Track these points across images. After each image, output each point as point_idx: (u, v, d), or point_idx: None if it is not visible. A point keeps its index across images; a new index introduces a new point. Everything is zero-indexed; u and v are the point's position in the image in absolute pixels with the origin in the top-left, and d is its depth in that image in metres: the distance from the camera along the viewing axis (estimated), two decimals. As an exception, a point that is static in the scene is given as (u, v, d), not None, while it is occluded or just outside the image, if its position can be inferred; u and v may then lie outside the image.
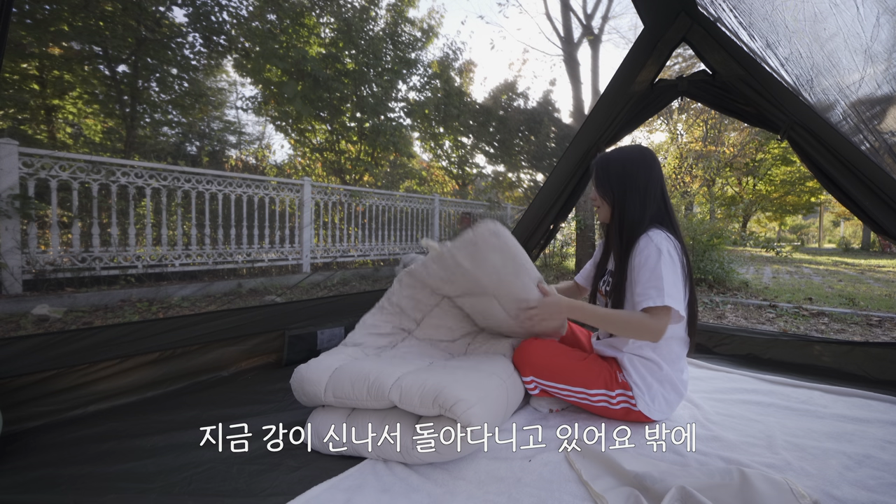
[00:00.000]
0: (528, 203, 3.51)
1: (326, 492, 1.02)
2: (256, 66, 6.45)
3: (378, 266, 6.49)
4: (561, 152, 3.06)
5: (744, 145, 12.90)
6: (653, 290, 1.20)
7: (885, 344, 1.84)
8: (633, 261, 1.28)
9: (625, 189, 1.33)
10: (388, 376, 1.19)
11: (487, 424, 1.10)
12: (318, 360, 1.34)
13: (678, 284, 1.23)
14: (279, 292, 4.59)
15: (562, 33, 8.14)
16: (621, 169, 1.34)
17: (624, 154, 1.37)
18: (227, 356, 1.77)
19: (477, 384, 1.19)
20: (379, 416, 1.19)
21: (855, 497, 0.97)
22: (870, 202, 1.62)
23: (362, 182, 7.99)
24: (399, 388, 1.15)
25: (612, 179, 1.35)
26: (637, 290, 1.25)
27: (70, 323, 3.11)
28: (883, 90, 1.39)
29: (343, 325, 2.11)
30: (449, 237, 7.70)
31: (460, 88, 9.35)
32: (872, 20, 1.17)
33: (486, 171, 10.69)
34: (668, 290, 1.19)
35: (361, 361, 1.33)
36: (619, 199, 1.34)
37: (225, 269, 4.82)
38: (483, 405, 1.12)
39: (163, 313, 3.53)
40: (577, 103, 8.17)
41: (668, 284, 1.19)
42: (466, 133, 9.67)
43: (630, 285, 1.30)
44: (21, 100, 4.89)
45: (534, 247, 2.83)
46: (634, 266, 1.28)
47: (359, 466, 1.13)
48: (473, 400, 1.09)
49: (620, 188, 1.34)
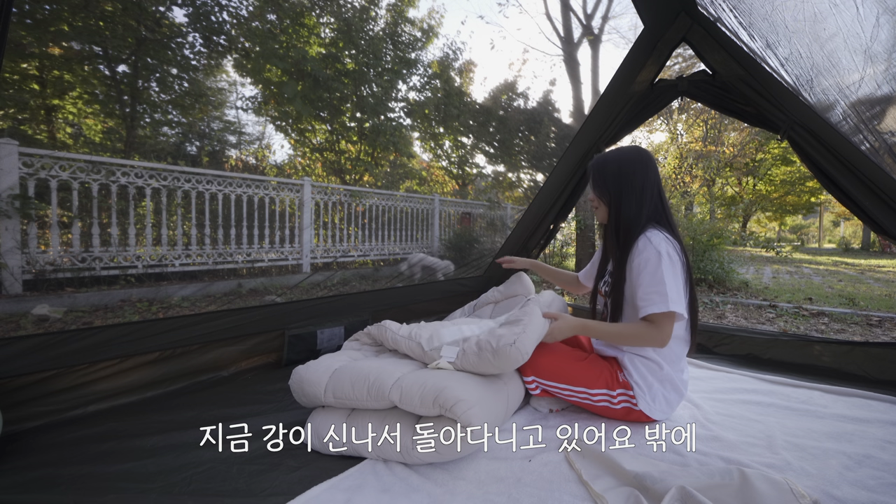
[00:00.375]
0: (528, 203, 3.51)
1: (326, 492, 1.02)
2: (256, 66, 6.45)
3: (378, 266, 6.49)
4: (561, 152, 3.06)
5: (744, 145, 12.90)
6: (655, 294, 1.21)
7: (885, 344, 1.84)
8: (633, 262, 1.29)
9: (621, 189, 1.33)
10: (389, 376, 1.19)
11: (487, 425, 1.10)
12: (318, 361, 1.34)
13: (679, 287, 1.23)
14: (279, 292, 4.59)
15: (562, 33, 8.15)
16: (617, 169, 1.35)
17: (620, 155, 1.37)
18: (226, 356, 1.77)
19: (477, 384, 1.19)
20: (379, 417, 1.19)
21: (855, 497, 0.97)
22: (870, 202, 1.62)
23: (362, 182, 7.99)
24: (399, 387, 1.15)
25: (608, 180, 1.36)
26: (639, 293, 1.25)
27: (70, 323, 3.11)
28: (883, 90, 1.39)
29: (343, 324, 2.11)
30: (449, 236, 7.70)
31: (460, 88, 9.34)
32: (872, 20, 1.17)
33: (486, 171, 10.69)
34: (671, 295, 1.19)
35: (361, 362, 1.33)
36: (616, 199, 1.34)
37: (225, 269, 4.82)
38: (483, 405, 1.12)
39: (163, 313, 3.53)
40: (577, 103, 8.17)
41: (671, 289, 1.20)
42: (466, 133, 9.67)
43: (629, 287, 1.31)
44: (21, 100, 4.88)
45: (534, 247, 2.83)
46: (633, 268, 1.28)
47: (359, 466, 1.13)
48: (473, 400, 1.09)
49: (616, 189, 1.34)
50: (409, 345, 1.37)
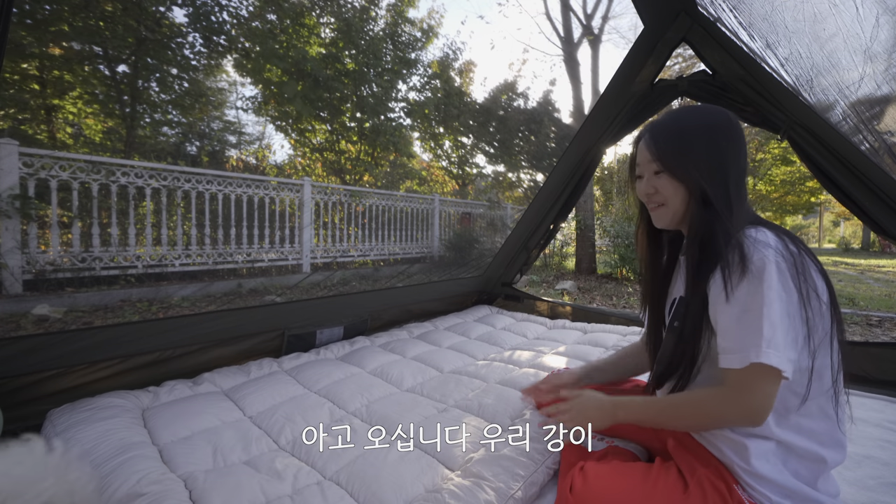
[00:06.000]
0: (528, 203, 3.51)
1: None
2: (256, 66, 6.46)
3: (378, 266, 6.49)
4: (561, 152, 3.07)
5: (744, 145, 12.90)
6: (743, 335, 0.72)
7: (885, 344, 1.84)
8: (725, 282, 0.74)
9: (714, 170, 0.81)
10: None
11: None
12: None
13: (795, 322, 0.71)
14: (279, 292, 4.59)
15: (562, 33, 8.15)
16: (708, 140, 0.81)
17: (705, 118, 0.84)
18: (226, 356, 1.77)
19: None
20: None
21: (855, 497, 0.97)
22: (870, 202, 1.62)
23: (362, 182, 8.00)
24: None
25: (693, 154, 0.81)
26: (720, 332, 0.76)
27: (70, 323, 3.11)
28: (883, 90, 1.39)
29: (343, 324, 2.11)
30: (449, 236, 7.70)
31: (460, 88, 9.35)
32: (872, 20, 1.17)
33: (486, 171, 10.70)
34: (767, 335, 0.69)
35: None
36: (707, 184, 0.80)
37: (225, 269, 4.82)
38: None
39: (163, 313, 3.53)
40: (577, 103, 8.17)
41: (773, 324, 0.69)
42: (466, 133, 9.67)
43: (712, 323, 0.79)
44: (21, 100, 4.89)
45: (534, 247, 2.84)
46: (722, 291, 0.75)
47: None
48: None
49: (708, 168, 0.81)
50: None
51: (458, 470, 1.05)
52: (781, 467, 0.76)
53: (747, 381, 0.71)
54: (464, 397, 1.44)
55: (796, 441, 0.75)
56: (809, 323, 0.72)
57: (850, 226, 23.15)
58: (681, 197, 0.84)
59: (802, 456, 0.76)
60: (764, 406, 0.71)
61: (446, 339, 2.15)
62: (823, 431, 0.76)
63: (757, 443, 0.76)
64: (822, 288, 0.74)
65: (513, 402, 1.37)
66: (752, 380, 0.71)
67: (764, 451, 0.76)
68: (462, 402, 1.40)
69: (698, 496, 0.76)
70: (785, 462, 0.76)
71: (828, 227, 26.38)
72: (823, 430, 0.76)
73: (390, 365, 1.74)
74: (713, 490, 0.76)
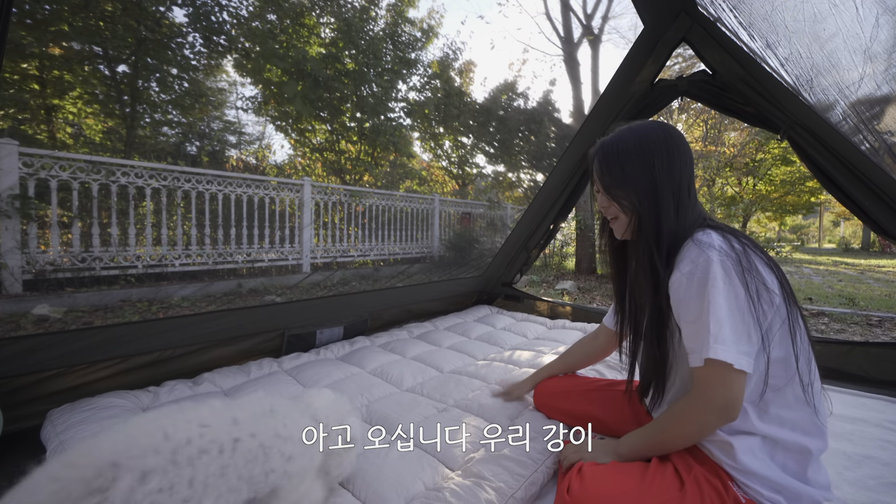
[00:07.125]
0: (528, 203, 3.51)
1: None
2: (256, 66, 6.46)
3: (378, 266, 6.49)
4: (561, 152, 3.07)
5: (744, 145, 12.89)
6: (699, 333, 0.75)
7: (885, 344, 1.84)
8: (673, 286, 0.81)
9: (655, 186, 0.85)
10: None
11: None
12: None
13: (744, 316, 0.73)
14: (279, 292, 4.59)
15: (562, 33, 8.16)
16: (642, 159, 0.86)
17: (640, 137, 0.88)
18: (226, 356, 1.77)
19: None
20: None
21: (855, 497, 0.97)
22: (870, 202, 1.62)
23: (362, 182, 8.00)
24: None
25: (630, 174, 0.88)
26: (685, 336, 0.80)
27: (70, 323, 3.11)
28: (883, 90, 1.39)
29: (343, 324, 2.11)
30: (449, 236, 7.70)
31: (460, 88, 9.35)
32: (872, 20, 1.17)
33: (486, 171, 10.70)
34: (714, 331, 0.72)
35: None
36: (650, 202, 0.86)
37: (225, 269, 4.82)
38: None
39: (163, 313, 3.53)
40: (577, 103, 8.18)
41: (721, 320, 0.72)
42: (466, 133, 9.67)
43: (678, 325, 0.83)
44: (21, 100, 4.89)
45: (534, 247, 2.84)
46: (674, 293, 0.81)
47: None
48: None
49: (648, 186, 0.86)
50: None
51: (459, 470, 1.05)
52: (769, 462, 0.78)
53: (707, 377, 0.75)
54: (464, 397, 1.44)
55: (779, 434, 0.78)
56: (760, 316, 0.74)
57: (850, 226, 23.15)
58: (627, 216, 0.91)
59: (788, 448, 0.78)
60: (729, 398, 0.73)
61: (446, 339, 2.15)
62: (803, 420, 0.79)
63: (741, 439, 0.78)
64: (771, 280, 0.77)
65: (513, 402, 1.37)
66: (711, 376, 0.74)
67: (749, 447, 0.78)
68: (462, 402, 1.40)
69: (695, 494, 0.77)
70: (772, 456, 0.78)
71: (828, 227, 26.37)
72: (803, 419, 0.79)
73: (390, 365, 1.74)
74: (710, 487, 0.77)
